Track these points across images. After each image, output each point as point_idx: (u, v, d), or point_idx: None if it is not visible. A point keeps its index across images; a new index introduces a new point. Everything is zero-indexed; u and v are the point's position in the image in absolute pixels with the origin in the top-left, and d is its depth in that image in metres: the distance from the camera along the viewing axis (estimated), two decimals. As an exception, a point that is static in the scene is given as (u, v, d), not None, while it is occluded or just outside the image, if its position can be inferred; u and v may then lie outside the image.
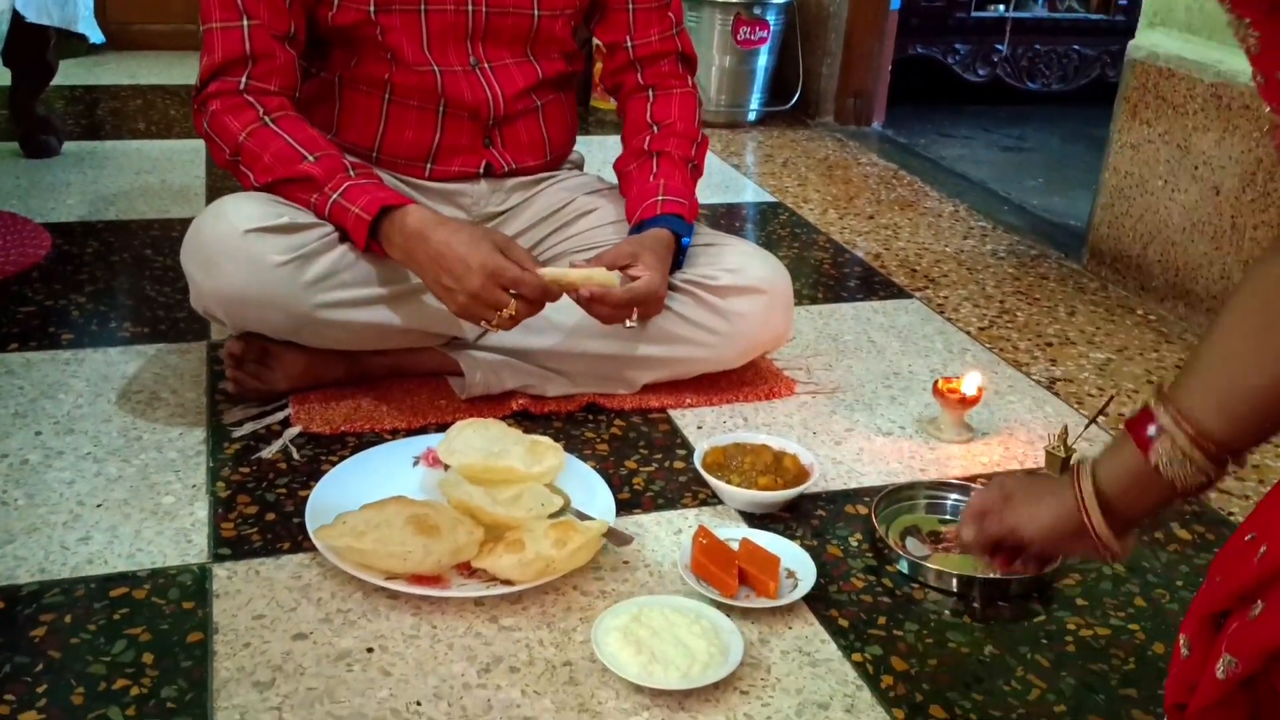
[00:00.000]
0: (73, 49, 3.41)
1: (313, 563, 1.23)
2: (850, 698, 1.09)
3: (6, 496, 1.33)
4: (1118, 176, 2.25)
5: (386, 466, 1.39)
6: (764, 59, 3.32)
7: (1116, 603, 1.26)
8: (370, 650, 1.11)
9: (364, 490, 1.29)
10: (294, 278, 1.40)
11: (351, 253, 1.44)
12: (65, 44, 2.67)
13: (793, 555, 1.26)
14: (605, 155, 2.00)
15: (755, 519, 1.37)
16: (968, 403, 1.57)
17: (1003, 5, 3.78)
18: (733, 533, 1.29)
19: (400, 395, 1.58)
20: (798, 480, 1.39)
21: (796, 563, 1.25)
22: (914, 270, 2.26)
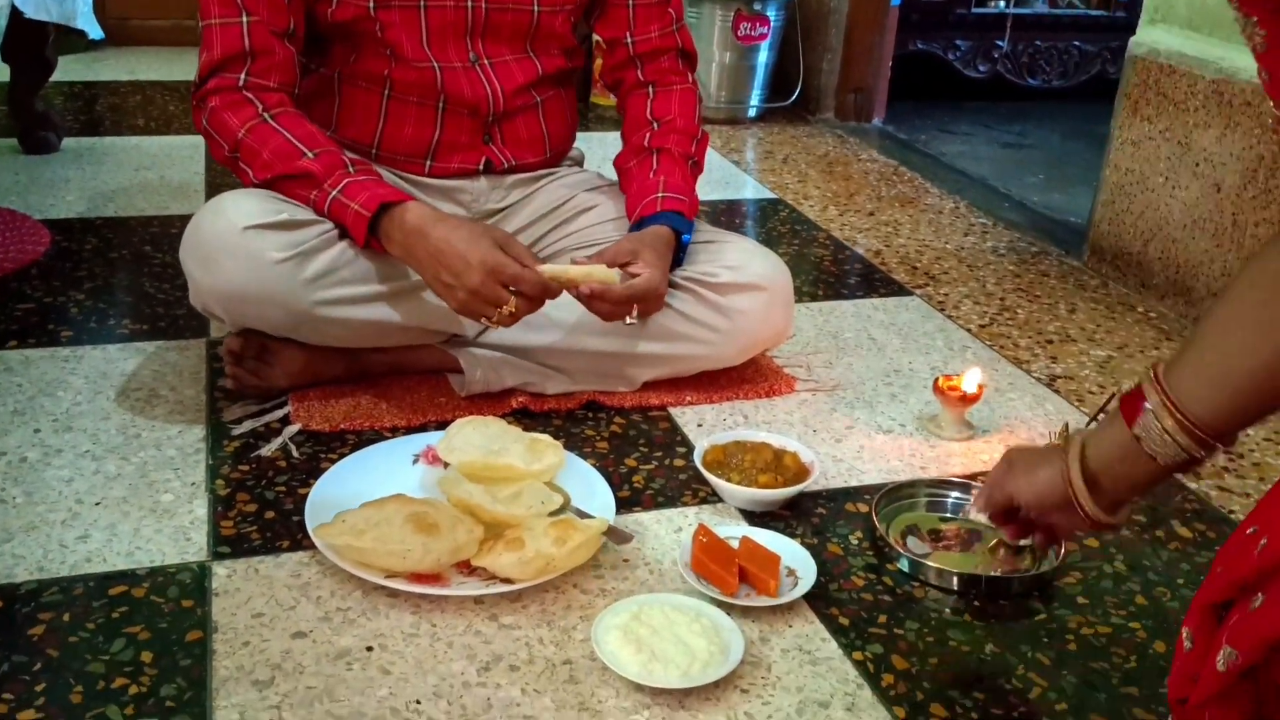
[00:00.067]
0: (72, 45, 3.40)
1: (312, 561, 1.23)
2: (851, 696, 1.09)
3: (5, 494, 1.33)
4: (1118, 173, 2.24)
5: (386, 464, 1.39)
6: (764, 55, 3.31)
7: (1117, 601, 1.26)
8: (370, 649, 1.11)
9: (363, 488, 1.29)
10: (293, 275, 1.40)
11: (351, 249, 1.44)
12: (64, 40, 2.66)
13: (793, 553, 1.26)
14: (605, 152, 2.00)
15: (755, 517, 1.37)
16: (968, 400, 1.57)
17: (1003, 1, 3.77)
18: (733, 531, 1.28)
19: (400, 393, 1.58)
20: (798, 478, 1.39)
21: (797, 561, 1.25)
22: (914, 267, 2.25)
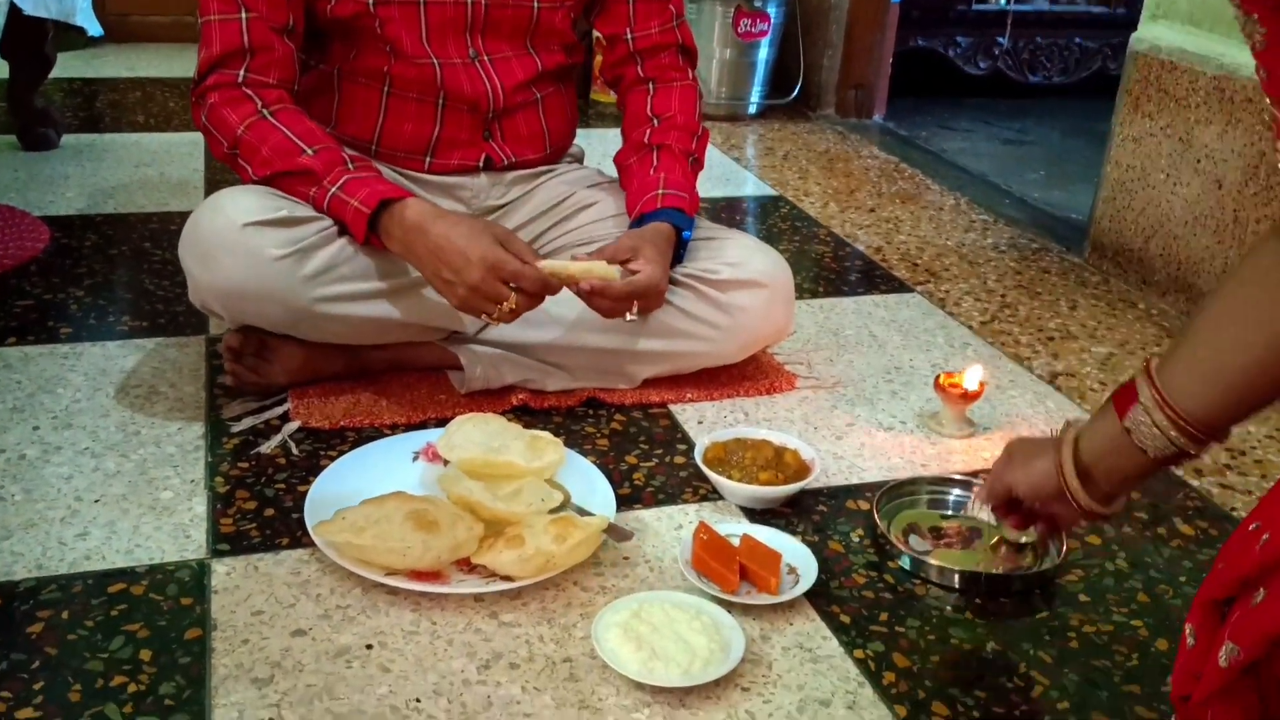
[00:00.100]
0: (71, 41, 3.39)
1: (312, 558, 1.23)
2: (852, 694, 1.09)
3: (4, 492, 1.33)
4: (1119, 170, 2.24)
5: (386, 462, 1.38)
6: (764, 52, 3.31)
7: (1119, 598, 1.25)
8: (369, 646, 1.11)
9: (363, 485, 1.28)
10: (292, 271, 1.40)
11: (350, 246, 1.43)
12: (63, 36, 2.66)
13: (794, 551, 1.26)
14: (605, 148, 2.00)
15: (756, 514, 1.37)
16: (969, 397, 1.57)
17: (1004, -2, 3.77)
18: (733, 528, 1.28)
19: (400, 390, 1.57)
20: (799, 475, 1.38)
21: (798, 558, 1.25)
22: (915, 264, 2.25)
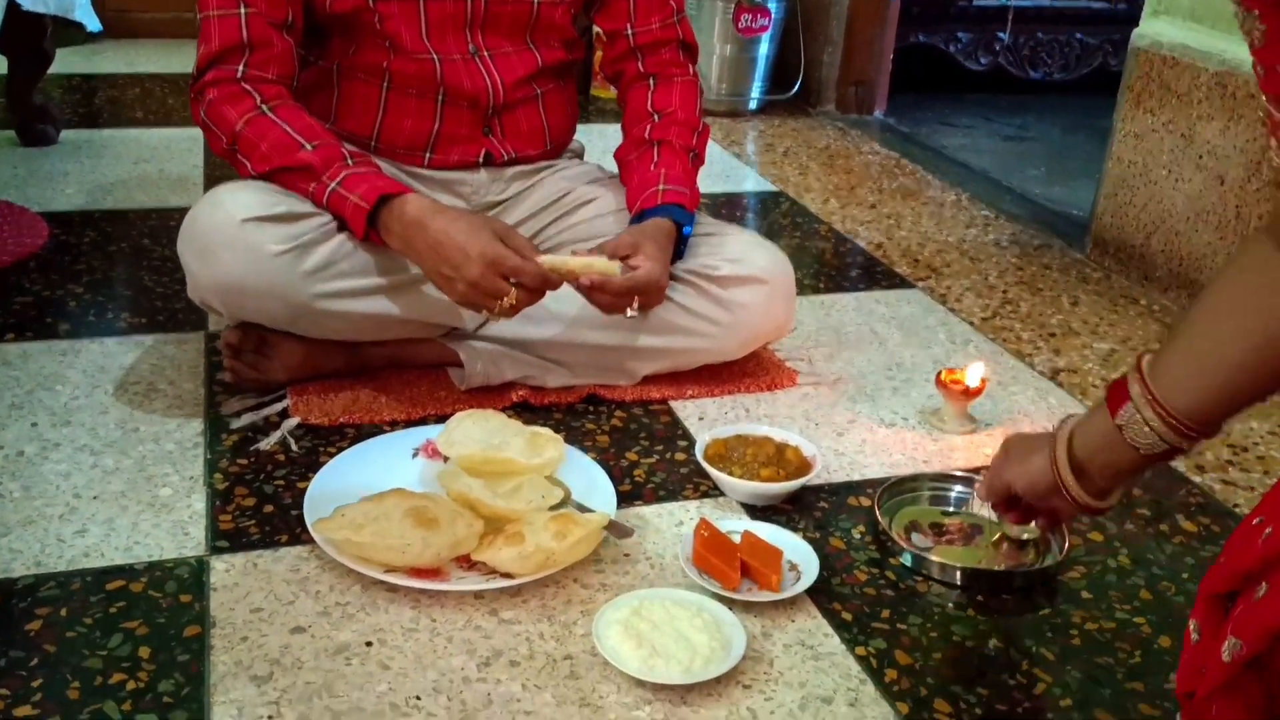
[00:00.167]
0: (70, 37, 3.37)
1: (311, 555, 1.22)
2: (854, 691, 1.08)
3: (2, 489, 1.32)
4: (1121, 166, 2.23)
5: (385, 458, 1.38)
6: (765, 47, 3.30)
7: (1122, 595, 1.25)
8: (369, 644, 1.10)
9: (363, 482, 1.28)
10: (292, 267, 1.39)
11: (350, 242, 1.43)
12: (62, 32, 2.65)
13: (795, 548, 1.25)
14: (606, 144, 1.99)
15: (757, 511, 1.36)
16: (971, 394, 1.57)
17: (1004, -6, 3.76)
18: (734, 525, 1.28)
19: (399, 386, 1.57)
20: (800, 472, 1.38)
21: (799, 555, 1.24)
22: (916, 260, 2.24)
